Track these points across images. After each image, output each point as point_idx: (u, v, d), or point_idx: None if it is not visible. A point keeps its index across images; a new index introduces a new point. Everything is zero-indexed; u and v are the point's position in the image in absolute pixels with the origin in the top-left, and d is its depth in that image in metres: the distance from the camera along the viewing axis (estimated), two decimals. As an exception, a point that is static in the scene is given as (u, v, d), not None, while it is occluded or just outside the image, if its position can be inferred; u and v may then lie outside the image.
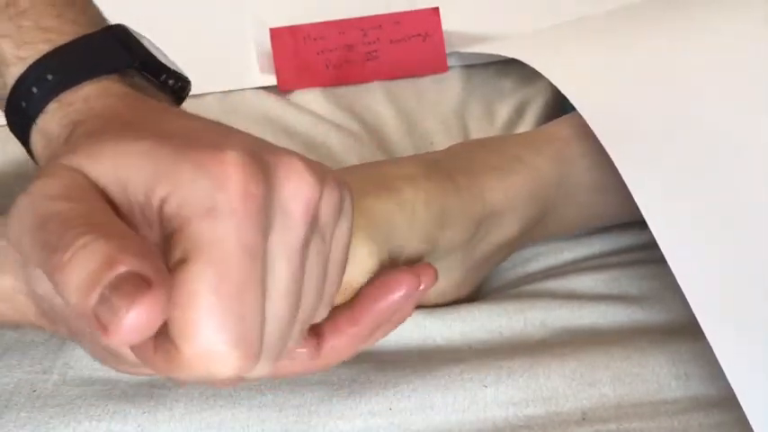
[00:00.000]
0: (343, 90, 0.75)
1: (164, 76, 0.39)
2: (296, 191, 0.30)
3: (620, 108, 0.56)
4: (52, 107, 0.36)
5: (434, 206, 0.52)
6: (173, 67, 0.40)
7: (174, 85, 0.40)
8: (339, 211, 0.33)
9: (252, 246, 0.28)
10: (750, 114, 0.53)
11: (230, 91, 0.74)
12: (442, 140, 0.70)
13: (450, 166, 0.54)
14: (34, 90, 0.36)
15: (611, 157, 0.51)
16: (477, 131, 0.71)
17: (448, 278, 0.54)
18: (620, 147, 0.52)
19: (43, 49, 0.37)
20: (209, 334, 0.27)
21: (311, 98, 0.73)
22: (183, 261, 0.28)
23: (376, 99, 0.74)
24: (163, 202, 0.29)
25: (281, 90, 0.75)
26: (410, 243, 0.51)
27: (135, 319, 0.25)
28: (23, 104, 0.37)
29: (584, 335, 0.53)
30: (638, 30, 0.64)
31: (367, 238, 0.47)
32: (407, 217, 0.50)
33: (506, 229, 0.55)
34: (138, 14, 0.46)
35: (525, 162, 0.55)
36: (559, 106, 0.69)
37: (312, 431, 0.48)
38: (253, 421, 0.48)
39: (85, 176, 0.30)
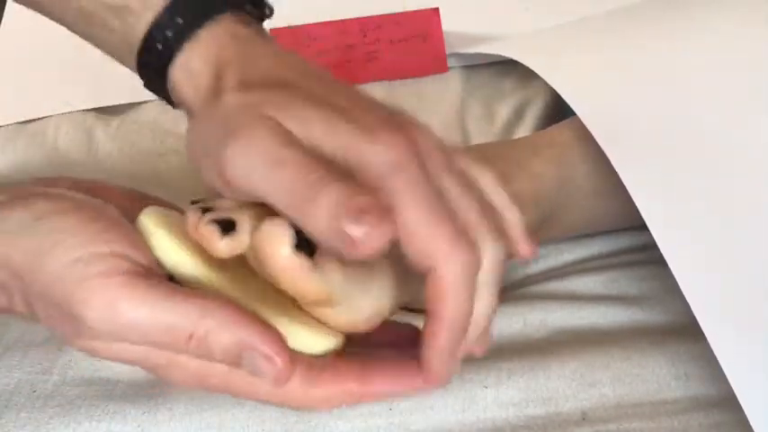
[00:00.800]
0: (343, 90, 0.75)
1: (267, 11, 0.47)
2: (424, 137, 0.38)
3: (619, 109, 0.56)
4: (188, 46, 0.42)
5: None
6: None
7: (268, 16, 0.47)
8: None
9: (428, 177, 0.37)
10: (750, 115, 0.53)
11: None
12: (441, 140, 0.70)
13: None
14: (168, 33, 0.42)
15: (609, 158, 0.51)
16: (477, 131, 0.71)
17: None
18: (619, 148, 0.52)
19: None
20: (447, 240, 0.36)
21: (311, 98, 0.73)
22: (392, 208, 0.35)
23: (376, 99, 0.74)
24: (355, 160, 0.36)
25: (281, 90, 0.75)
26: None
27: (383, 234, 0.34)
28: (159, 47, 0.43)
29: (584, 335, 0.53)
30: (638, 31, 0.64)
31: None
32: None
33: None
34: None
35: (526, 168, 0.55)
36: (559, 107, 0.69)
37: (312, 431, 0.48)
38: (253, 421, 0.48)
39: (287, 130, 0.37)
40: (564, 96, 0.57)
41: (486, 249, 0.38)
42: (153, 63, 0.44)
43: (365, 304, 0.39)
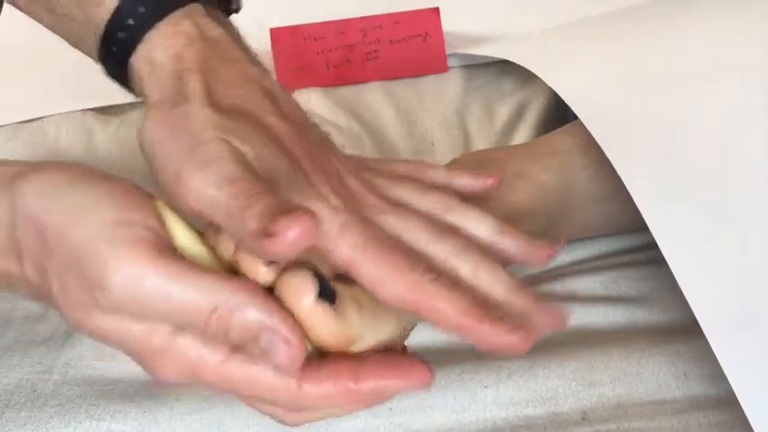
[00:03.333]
0: (343, 90, 0.75)
1: (234, 5, 0.47)
2: (355, 181, 0.43)
3: (619, 111, 0.56)
4: (152, 36, 0.42)
5: None
6: None
7: (235, 10, 0.47)
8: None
9: (369, 223, 0.40)
10: (752, 116, 0.53)
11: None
12: (441, 140, 0.70)
13: None
14: (130, 21, 0.42)
15: (611, 162, 0.51)
16: (477, 131, 0.71)
17: None
18: (621, 151, 0.52)
19: None
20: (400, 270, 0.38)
21: (311, 98, 0.73)
22: (350, 265, 0.38)
23: (376, 99, 0.74)
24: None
25: (281, 90, 0.75)
26: None
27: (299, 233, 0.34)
28: (120, 35, 0.43)
29: (583, 335, 0.53)
30: (638, 32, 0.64)
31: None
32: None
33: None
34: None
35: (529, 178, 0.55)
36: (559, 107, 0.69)
37: (312, 431, 0.48)
38: (253, 421, 0.48)
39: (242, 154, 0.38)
40: (566, 99, 0.57)
41: (444, 250, 0.40)
42: (115, 52, 0.43)
43: (380, 337, 0.40)
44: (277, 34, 0.74)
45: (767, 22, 0.57)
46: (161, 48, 0.42)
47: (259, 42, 0.75)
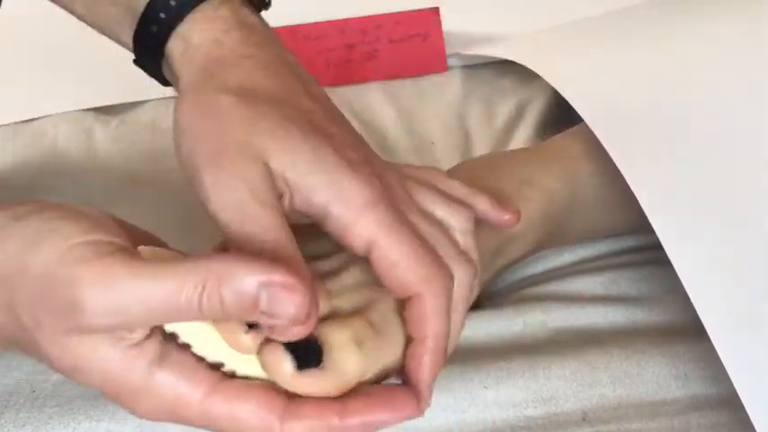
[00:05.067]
0: (343, 90, 0.75)
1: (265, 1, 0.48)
2: (392, 176, 0.43)
3: (623, 110, 0.56)
4: (190, 17, 0.43)
5: None
6: None
7: (266, 7, 0.48)
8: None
9: (400, 212, 0.40)
10: (757, 116, 0.53)
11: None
12: (441, 140, 0.70)
13: None
14: (172, 2, 0.43)
15: (616, 164, 0.51)
16: (477, 131, 0.71)
17: None
18: (624, 151, 0.51)
19: None
20: (422, 266, 0.39)
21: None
22: (371, 242, 0.38)
23: (376, 99, 0.74)
24: (326, 204, 0.39)
25: (280, 90, 0.75)
26: None
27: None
28: (162, 15, 0.43)
29: (583, 336, 0.53)
30: (639, 31, 0.64)
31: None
32: None
33: (518, 251, 0.55)
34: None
35: (537, 186, 0.55)
36: (560, 106, 0.69)
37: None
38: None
39: (266, 165, 0.38)
40: (569, 99, 0.57)
41: (457, 271, 0.42)
42: (153, 33, 0.44)
43: (386, 362, 0.40)
44: (277, 34, 0.74)
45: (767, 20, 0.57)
46: (199, 30, 0.43)
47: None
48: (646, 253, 0.58)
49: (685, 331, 0.51)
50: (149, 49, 0.45)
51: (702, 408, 0.48)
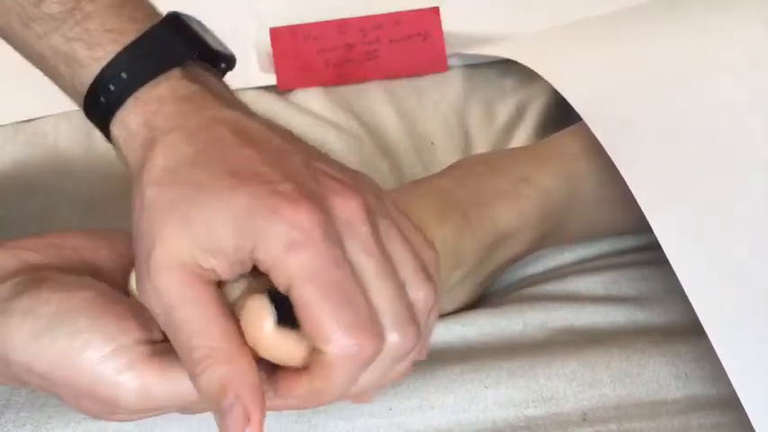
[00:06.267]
0: (343, 89, 0.75)
1: (222, 65, 0.45)
2: (346, 205, 0.38)
3: (623, 111, 0.56)
4: (130, 102, 0.42)
5: (449, 253, 0.52)
6: (220, 48, 0.45)
7: (225, 69, 0.45)
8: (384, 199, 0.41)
9: (334, 256, 0.36)
10: (756, 117, 0.53)
11: (230, 90, 0.74)
12: (441, 140, 0.70)
13: (461, 199, 0.53)
14: (111, 87, 0.42)
15: (615, 163, 0.51)
16: (478, 131, 0.71)
17: (453, 302, 0.54)
18: (625, 154, 0.51)
19: (112, 49, 0.42)
20: (337, 328, 0.36)
21: (311, 97, 0.73)
22: (290, 287, 0.36)
23: (376, 99, 0.74)
24: (252, 251, 0.37)
25: (280, 89, 0.75)
26: None
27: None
28: (102, 100, 0.43)
29: (584, 336, 0.53)
30: (639, 31, 0.64)
31: None
32: None
33: (515, 248, 0.55)
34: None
35: (534, 183, 0.55)
36: (560, 106, 0.69)
37: (312, 431, 0.48)
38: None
39: (198, 266, 0.37)
40: (569, 99, 0.57)
41: (394, 334, 0.38)
42: (97, 115, 0.44)
43: None
44: (277, 34, 0.74)
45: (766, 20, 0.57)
46: (135, 114, 0.42)
47: (259, 42, 0.76)
48: (646, 253, 0.58)
49: (686, 331, 0.51)
50: (101, 128, 0.45)
51: (703, 408, 0.48)
